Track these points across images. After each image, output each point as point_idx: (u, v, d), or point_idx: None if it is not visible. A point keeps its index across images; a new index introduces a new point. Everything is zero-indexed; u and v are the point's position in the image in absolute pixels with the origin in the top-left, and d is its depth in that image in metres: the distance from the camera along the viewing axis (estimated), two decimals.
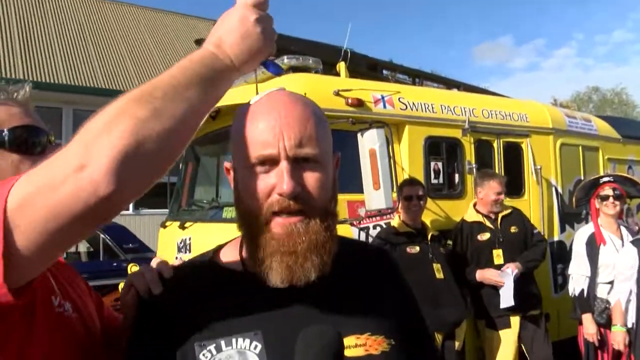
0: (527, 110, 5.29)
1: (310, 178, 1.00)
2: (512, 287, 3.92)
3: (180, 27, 16.61)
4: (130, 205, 12.70)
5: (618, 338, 3.68)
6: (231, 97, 4.36)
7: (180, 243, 4.39)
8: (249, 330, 0.99)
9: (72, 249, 8.94)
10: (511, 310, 4.02)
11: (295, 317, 1.01)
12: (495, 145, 4.88)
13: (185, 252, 4.31)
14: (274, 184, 0.98)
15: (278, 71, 1.24)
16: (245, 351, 0.97)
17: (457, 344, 3.82)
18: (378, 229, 3.99)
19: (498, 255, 4.14)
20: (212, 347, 0.97)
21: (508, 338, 4.10)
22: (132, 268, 4.60)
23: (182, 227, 4.41)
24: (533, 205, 5.01)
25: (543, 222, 5.01)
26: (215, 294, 1.05)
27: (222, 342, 0.98)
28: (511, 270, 3.97)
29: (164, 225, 5.01)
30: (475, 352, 4.39)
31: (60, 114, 12.14)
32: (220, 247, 1.17)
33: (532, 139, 5.09)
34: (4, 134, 1.17)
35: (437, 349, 1.25)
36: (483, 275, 4.06)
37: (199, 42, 5.12)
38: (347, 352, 0.94)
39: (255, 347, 0.97)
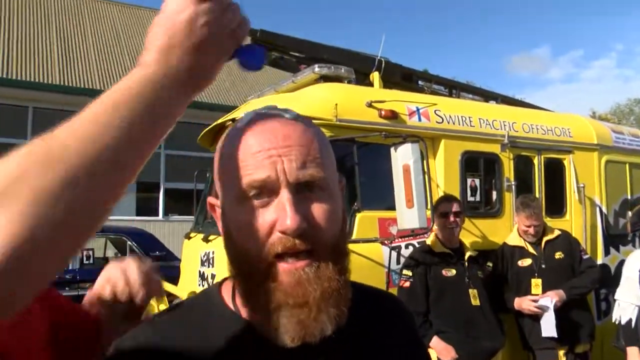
0: (570, 124, 5.01)
1: (318, 209, 0.82)
2: (552, 316, 3.66)
3: None
4: (160, 211, 12.73)
5: None
6: (259, 106, 4.26)
7: (204, 256, 4.25)
8: None
9: (100, 254, 8.94)
10: (556, 342, 3.76)
11: None
12: (535, 161, 4.62)
13: (209, 266, 4.17)
14: (274, 219, 0.79)
15: (256, 63, 0.88)
16: None
17: None
18: (411, 248, 3.78)
19: (536, 285, 3.90)
20: None
21: None
22: None
23: (206, 239, 4.27)
24: (575, 225, 4.73)
25: (586, 243, 4.71)
26: (214, 348, 0.85)
27: None
28: (550, 300, 3.72)
29: (188, 237, 4.90)
30: None
31: None
32: (218, 287, 0.96)
33: (575, 156, 4.81)
34: None
35: None
36: (520, 304, 3.82)
37: None
38: None
39: None
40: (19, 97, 11.70)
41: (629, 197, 5.33)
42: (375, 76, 4.59)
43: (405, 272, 3.57)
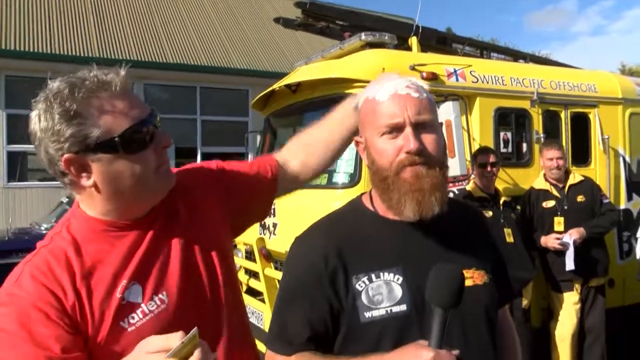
0: (596, 80, 5.37)
1: (429, 138, 1.31)
2: (572, 251, 4.12)
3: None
4: None
5: None
6: (310, 72, 4.74)
7: None
8: (392, 265, 1.30)
9: None
10: (576, 274, 4.22)
11: (423, 253, 1.33)
12: (562, 115, 5.01)
13: (270, 216, 4.69)
14: (401, 145, 1.29)
15: None
16: (390, 282, 1.29)
17: (524, 302, 4.09)
18: (450, 194, 4.24)
19: (559, 223, 4.32)
20: (365, 279, 1.29)
21: (570, 301, 4.31)
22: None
23: None
24: (600, 174, 5.13)
25: (609, 190, 5.12)
26: (365, 235, 1.36)
27: (373, 275, 1.29)
28: (569, 236, 4.16)
29: None
30: (539, 311, 4.64)
31: (132, 89, 12.72)
32: (360, 198, 1.48)
33: (600, 109, 5.18)
34: (115, 140, 1.20)
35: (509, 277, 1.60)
36: (545, 241, 4.28)
37: (278, 20, 5.47)
38: None
39: (398, 279, 1.29)
40: (59, 70, 12.24)
41: None
42: (413, 41, 4.93)
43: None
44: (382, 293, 1.27)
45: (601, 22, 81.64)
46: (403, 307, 1.26)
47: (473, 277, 1.36)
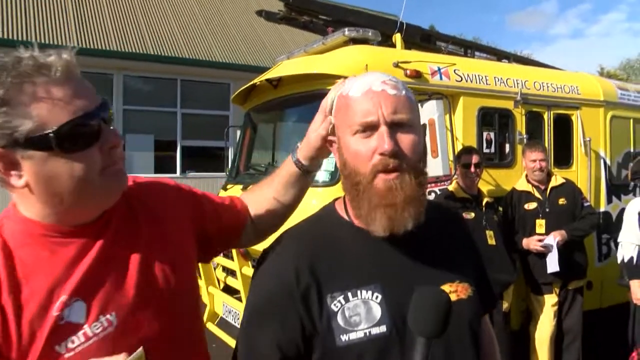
0: (579, 82, 5.36)
1: (405, 139, 1.18)
2: (556, 253, 4.09)
3: None
4: (178, 168, 13.14)
5: None
6: (292, 67, 4.64)
7: None
8: (370, 282, 1.19)
9: None
10: (556, 277, 4.20)
11: (403, 267, 1.23)
12: (545, 117, 4.99)
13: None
14: (375, 146, 1.17)
15: None
16: (369, 301, 1.17)
17: (505, 305, 4.06)
18: (433, 195, 4.21)
19: (540, 225, 4.29)
20: (341, 298, 1.17)
21: (549, 303, 4.29)
22: None
23: (245, 189, 4.70)
24: (581, 176, 5.13)
25: (590, 193, 5.13)
26: (340, 248, 1.24)
27: (349, 294, 1.17)
28: (553, 238, 4.14)
29: (225, 188, 5.32)
30: (518, 314, 4.62)
31: (112, 80, 12.53)
32: (333, 204, 1.36)
33: (582, 111, 5.18)
34: (49, 136, 1.00)
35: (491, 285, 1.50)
36: (527, 243, 4.25)
37: (260, 13, 5.36)
38: None
39: (376, 297, 1.18)
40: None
41: (632, 150, 5.70)
42: (397, 37, 4.86)
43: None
44: (359, 313, 1.16)
45: (580, 25, 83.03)
46: (383, 329, 1.15)
47: (457, 291, 1.26)
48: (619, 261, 4.33)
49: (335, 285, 1.18)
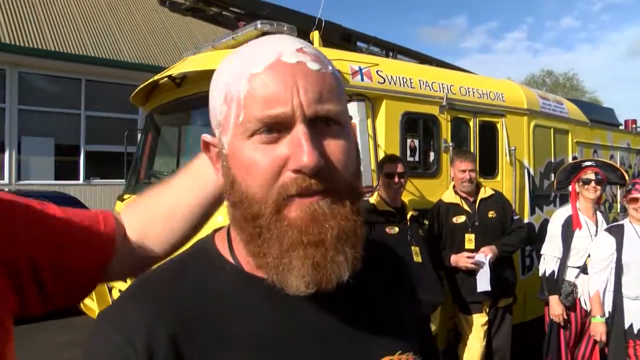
0: (504, 89, 5.18)
1: (334, 147, 0.73)
2: (488, 271, 3.82)
3: None
4: (81, 175, 12.17)
5: (599, 329, 3.63)
6: (197, 63, 4.11)
7: None
8: None
9: None
10: (486, 296, 3.94)
11: (321, 336, 0.78)
12: (471, 124, 4.74)
13: None
14: (285, 156, 0.70)
15: None
16: None
17: (433, 327, 3.70)
18: None
19: (470, 240, 4.03)
20: None
21: (478, 323, 4.04)
22: None
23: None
24: (506, 186, 4.93)
25: (515, 203, 4.93)
26: (220, 308, 0.76)
27: None
28: (485, 255, 3.87)
29: (121, 199, 4.69)
30: (446, 335, 4.31)
31: (4, 75, 11.41)
32: (211, 240, 0.86)
33: (507, 119, 4.98)
34: None
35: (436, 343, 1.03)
36: (457, 260, 3.95)
37: (164, 2, 4.78)
38: None
39: None
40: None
41: (553, 160, 5.61)
42: (315, 35, 4.48)
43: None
44: None
45: (487, 40, 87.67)
46: None
47: None
48: (540, 274, 4.16)
49: None
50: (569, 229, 4.01)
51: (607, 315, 3.63)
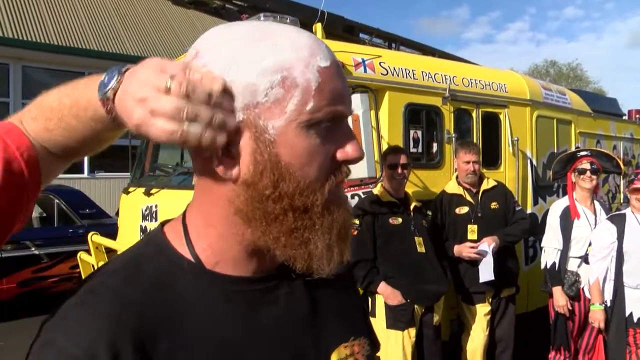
0: (506, 80, 5.18)
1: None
2: (491, 261, 3.84)
3: None
4: (85, 168, 12.20)
5: (598, 316, 3.66)
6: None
7: (146, 210, 4.13)
8: None
9: None
10: (489, 286, 3.96)
11: (285, 333, 0.80)
12: (474, 115, 4.75)
13: (151, 220, 4.07)
14: (336, 147, 0.74)
15: None
16: None
17: (435, 318, 3.72)
18: (356, 198, 3.83)
19: (472, 231, 4.05)
20: None
21: (481, 313, 4.06)
22: (94, 237, 4.31)
23: (148, 193, 4.14)
24: (508, 177, 4.94)
25: (517, 194, 4.95)
26: (182, 310, 0.73)
27: None
28: (488, 245, 3.89)
29: (126, 192, 4.72)
30: (448, 323, 4.34)
31: (8, 69, 11.43)
32: (162, 234, 0.80)
33: (510, 110, 4.99)
34: None
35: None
36: (460, 250, 3.97)
37: None
38: None
39: None
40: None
41: (555, 150, 5.61)
42: (317, 27, 4.49)
43: (353, 221, 3.61)
44: None
45: (490, 31, 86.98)
46: None
47: (354, 354, 0.87)
48: (542, 267, 4.17)
49: None
50: (567, 219, 4.03)
51: (608, 303, 3.65)
